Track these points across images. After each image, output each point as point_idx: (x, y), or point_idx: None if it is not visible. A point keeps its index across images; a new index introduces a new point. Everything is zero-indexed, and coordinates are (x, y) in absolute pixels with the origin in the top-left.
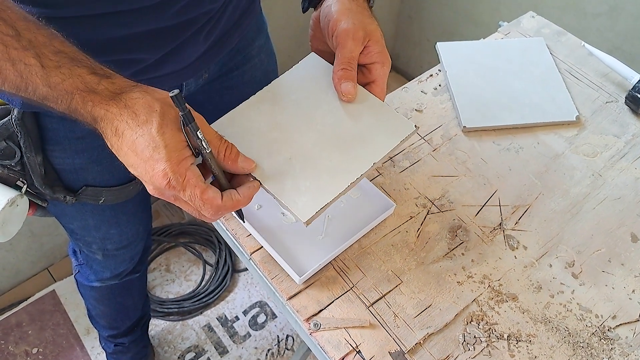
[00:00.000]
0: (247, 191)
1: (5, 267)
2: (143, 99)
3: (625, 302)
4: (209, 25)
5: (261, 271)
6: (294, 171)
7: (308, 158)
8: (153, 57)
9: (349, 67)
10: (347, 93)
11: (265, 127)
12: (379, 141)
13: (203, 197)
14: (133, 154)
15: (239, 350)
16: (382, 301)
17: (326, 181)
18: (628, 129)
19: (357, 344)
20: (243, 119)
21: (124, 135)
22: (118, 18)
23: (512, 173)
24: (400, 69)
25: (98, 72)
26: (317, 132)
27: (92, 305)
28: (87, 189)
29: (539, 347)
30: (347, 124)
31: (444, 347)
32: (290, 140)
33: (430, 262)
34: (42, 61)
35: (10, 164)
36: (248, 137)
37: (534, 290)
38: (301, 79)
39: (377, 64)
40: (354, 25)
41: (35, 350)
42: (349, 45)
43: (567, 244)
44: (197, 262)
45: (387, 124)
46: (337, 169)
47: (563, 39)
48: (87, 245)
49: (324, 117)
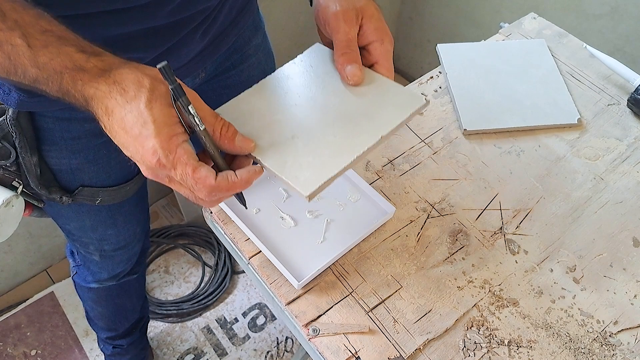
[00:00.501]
0: (245, 174)
1: (3, 269)
2: (132, 74)
3: (627, 307)
4: (205, 23)
5: (259, 276)
6: (295, 148)
7: (311, 135)
8: (149, 56)
9: (349, 50)
10: (353, 76)
11: (268, 110)
12: (387, 115)
13: (195, 175)
14: (123, 132)
15: (238, 352)
16: (382, 306)
17: (330, 156)
18: (630, 132)
19: (357, 349)
20: (245, 105)
21: (113, 113)
22: (113, 17)
23: (513, 176)
24: (401, 70)
25: (86, 50)
26: (322, 111)
27: (90, 306)
28: (83, 189)
29: (539, 353)
30: (354, 102)
31: (444, 353)
32: (293, 120)
33: (430, 267)
34: (28, 41)
35: (6, 164)
36: (249, 120)
37: (535, 295)
38: (305, 66)
39: (375, 42)
40: (342, 7)
41: (34, 352)
42: (343, 28)
43: (568, 248)
44: (196, 264)
45: (396, 98)
46: (342, 144)
47: (564, 41)
48: (84, 246)
49: (328, 98)
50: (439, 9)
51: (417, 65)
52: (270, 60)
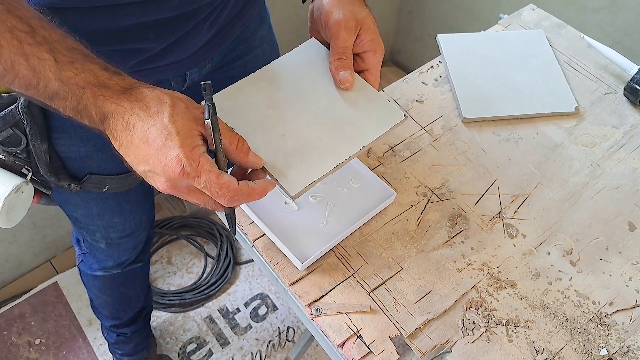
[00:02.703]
0: (263, 183)
1: (8, 259)
2: (153, 92)
3: (622, 289)
4: (213, 15)
5: (264, 258)
6: (285, 147)
7: (300, 136)
8: (158, 47)
9: (345, 56)
10: (345, 81)
11: (262, 104)
12: (369, 127)
13: (219, 181)
14: (145, 145)
15: (240, 342)
16: (383, 287)
17: (316, 160)
18: (626, 120)
19: (358, 328)
20: (241, 94)
21: (135, 128)
22: (124, 9)
23: (512, 163)
24: (401, 64)
25: (109, 69)
26: (311, 112)
27: (95, 294)
28: (91, 176)
29: (536, 332)
30: (341, 108)
31: (443, 332)
32: (284, 118)
33: (430, 250)
34: (55, 56)
35: (16, 152)
36: (245, 112)
37: (533, 277)
38: (300, 61)
39: (369, 52)
40: (344, 16)
41: (38, 341)
42: (342, 35)
43: (565, 232)
44: (198, 255)
45: (379, 111)
46: (328, 149)
47: (563, 31)
48: (91, 234)
49: (318, 99)
50: (438, 3)
51: (418, 58)
52: (275, 51)
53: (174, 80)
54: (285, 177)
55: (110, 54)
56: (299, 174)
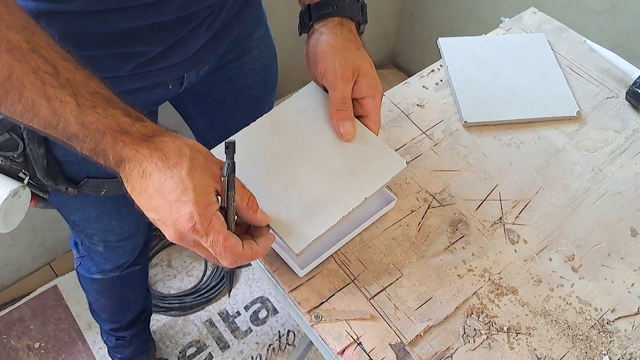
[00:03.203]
0: (264, 242)
1: (7, 262)
2: (173, 143)
3: (625, 295)
4: (211, 17)
5: (263, 264)
6: (288, 201)
7: (303, 189)
8: (156, 50)
9: (344, 107)
10: (347, 134)
11: (264, 155)
12: (371, 176)
13: (225, 244)
14: (159, 195)
15: (240, 346)
16: (383, 294)
17: (319, 213)
18: (628, 125)
19: (358, 335)
20: (243, 146)
21: (151, 177)
22: (123, 13)
23: (513, 168)
24: (402, 67)
25: (132, 115)
26: (312, 163)
27: (94, 298)
28: (88, 180)
29: (538, 339)
30: (342, 158)
31: (444, 339)
32: (286, 169)
33: (431, 256)
34: (78, 100)
35: (13, 156)
36: (248, 164)
37: (534, 283)
38: (300, 109)
39: (367, 97)
40: (340, 66)
41: (37, 344)
42: (340, 86)
43: (567, 238)
44: (198, 258)
45: (380, 159)
46: (330, 201)
47: (564, 35)
48: (89, 237)
49: (319, 149)
50: (440, 5)
51: (419, 61)
52: (272, 52)
53: (171, 82)
54: (290, 234)
55: (107, 57)
56: (303, 230)
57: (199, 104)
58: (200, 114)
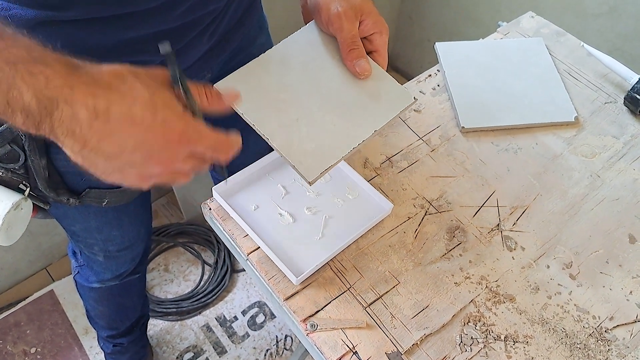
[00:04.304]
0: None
1: (3, 267)
2: (106, 68)
3: (623, 303)
4: (213, 25)
5: (258, 272)
6: (300, 132)
7: (313, 121)
8: (159, 59)
9: (355, 46)
10: (364, 70)
11: (274, 88)
12: (379, 110)
13: (217, 138)
14: (133, 127)
15: (238, 351)
16: (379, 302)
17: (330, 144)
18: (627, 130)
19: (354, 344)
20: (252, 78)
21: (110, 112)
22: (124, 21)
23: (511, 174)
24: (400, 69)
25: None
26: (322, 96)
27: (92, 305)
28: (90, 191)
29: (536, 348)
30: (351, 91)
31: (441, 348)
32: (297, 102)
33: (427, 263)
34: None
35: (14, 167)
36: (257, 96)
37: (532, 291)
38: (305, 44)
39: (375, 34)
40: (342, 8)
41: (34, 350)
42: (346, 27)
43: (565, 245)
44: (195, 262)
45: (389, 93)
46: (340, 133)
47: (562, 39)
48: (89, 247)
49: (329, 82)
50: (438, 8)
51: (417, 64)
52: None
53: None
54: (302, 163)
55: None
56: (314, 159)
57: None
58: None
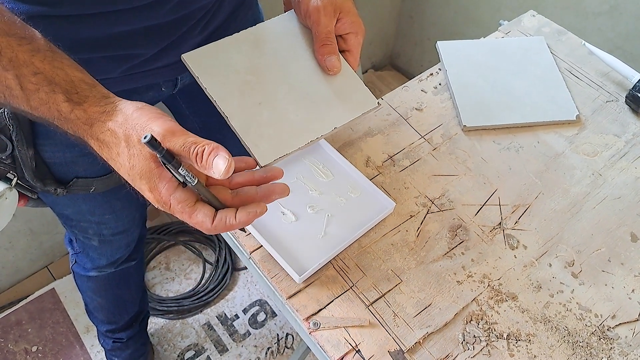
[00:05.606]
0: (245, 217)
1: (4, 266)
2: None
3: (625, 301)
4: (205, 19)
5: (261, 270)
6: (260, 116)
7: (276, 107)
8: (149, 53)
9: (329, 42)
10: (333, 67)
11: (242, 68)
12: (342, 108)
13: (192, 221)
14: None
15: (239, 349)
16: (382, 300)
17: (288, 134)
18: (628, 129)
19: (357, 343)
20: (223, 54)
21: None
22: (116, 16)
23: (512, 172)
24: (401, 68)
25: (72, 99)
26: (289, 85)
27: (90, 297)
28: (77, 180)
29: (538, 346)
30: (318, 85)
31: (443, 346)
32: (262, 86)
33: (430, 262)
34: (21, 83)
35: (1, 157)
36: (224, 73)
37: (534, 289)
38: (282, 31)
39: (351, 34)
40: (322, 2)
41: (35, 348)
42: (323, 21)
43: (567, 243)
44: (196, 261)
45: (354, 94)
46: (301, 124)
47: (563, 38)
48: (83, 231)
49: (297, 72)
50: (439, 7)
51: (417, 63)
52: None
53: (164, 84)
54: (257, 146)
55: (100, 60)
56: (270, 145)
57: (192, 102)
58: (193, 113)
